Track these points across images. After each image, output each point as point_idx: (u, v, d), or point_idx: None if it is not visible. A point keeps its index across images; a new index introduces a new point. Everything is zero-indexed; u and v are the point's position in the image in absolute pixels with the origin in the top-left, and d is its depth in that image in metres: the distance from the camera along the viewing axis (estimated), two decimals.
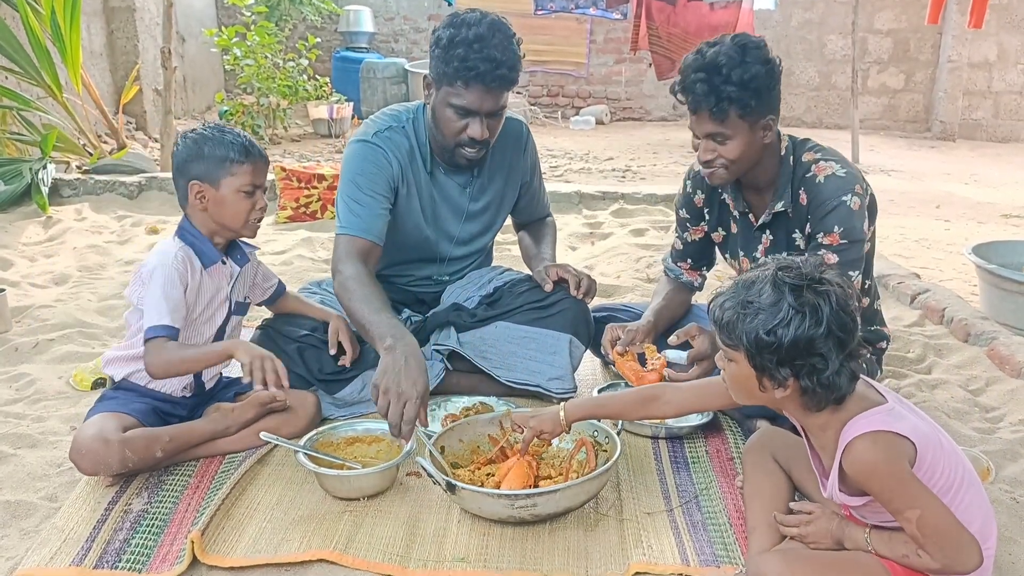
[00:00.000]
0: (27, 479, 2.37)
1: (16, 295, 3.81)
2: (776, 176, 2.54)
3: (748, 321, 1.65)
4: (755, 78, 2.33)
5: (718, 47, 2.36)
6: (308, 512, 2.20)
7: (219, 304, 2.50)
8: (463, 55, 2.54)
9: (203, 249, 2.43)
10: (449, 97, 2.62)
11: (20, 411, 2.77)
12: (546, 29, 9.73)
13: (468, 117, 2.64)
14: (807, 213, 2.49)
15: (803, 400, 1.70)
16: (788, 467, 2.06)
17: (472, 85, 2.58)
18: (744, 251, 2.72)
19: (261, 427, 2.45)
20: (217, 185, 2.38)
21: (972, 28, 7.47)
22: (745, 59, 2.33)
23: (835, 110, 10.23)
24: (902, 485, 1.63)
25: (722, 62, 2.32)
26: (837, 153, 2.56)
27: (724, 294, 1.73)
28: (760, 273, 1.69)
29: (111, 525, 2.14)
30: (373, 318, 2.49)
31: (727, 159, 2.43)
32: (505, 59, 2.57)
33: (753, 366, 1.68)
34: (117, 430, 2.25)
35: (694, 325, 2.48)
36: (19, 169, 5.46)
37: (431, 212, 2.88)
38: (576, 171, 7.24)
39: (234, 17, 9.40)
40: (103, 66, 7.58)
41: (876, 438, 1.64)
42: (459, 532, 2.13)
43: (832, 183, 2.45)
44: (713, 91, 2.33)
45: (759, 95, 2.35)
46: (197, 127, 2.45)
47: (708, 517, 2.21)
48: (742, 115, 2.36)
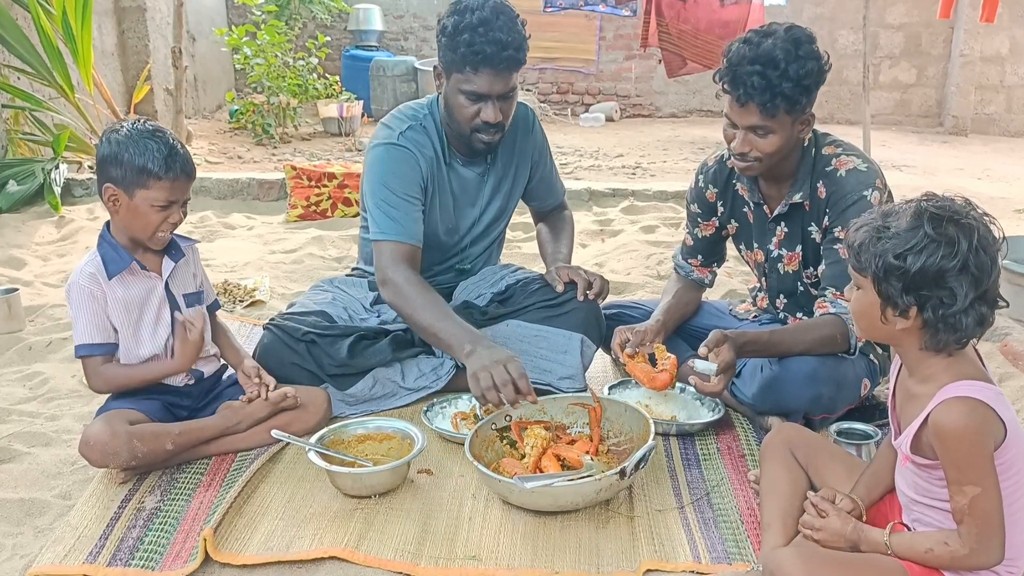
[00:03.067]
0: (41, 477, 2.38)
1: (29, 294, 3.83)
2: (796, 168, 2.53)
3: (879, 244, 1.63)
4: (809, 74, 2.31)
5: (772, 39, 2.31)
6: (320, 510, 2.21)
7: (159, 304, 2.43)
8: (469, 40, 2.55)
9: (112, 257, 2.35)
10: (460, 84, 2.64)
11: (34, 409, 2.79)
12: (555, 26, 9.71)
13: (480, 101, 2.65)
14: (826, 206, 2.48)
15: (923, 337, 1.66)
16: (807, 464, 2.05)
17: (481, 69, 2.59)
18: (758, 243, 2.71)
19: (272, 425, 2.45)
20: (131, 194, 2.29)
21: (984, 22, 7.42)
22: (799, 53, 2.30)
23: (846, 105, 10.17)
24: (979, 459, 1.60)
25: (779, 56, 2.28)
26: (857, 148, 2.56)
27: (862, 219, 1.71)
28: (904, 204, 1.67)
29: (124, 523, 2.15)
30: (442, 325, 2.55)
31: (764, 152, 2.41)
32: (511, 40, 2.58)
33: (878, 292, 1.65)
34: (124, 423, 2.27)
35: (719, 332, 2.44)
36: (32, 169, 5.48)
37: (453, 205, 2.89)
38: (586, 168, 7.23)
39: (244, 16, 9.40)
40: (114, 66, 7.60)
41: (977, 406, 1.60)
42: (470, 530, 2.14)
43: (854, 177, 2.45)
44: (768, 86, 2.29)
45: (809, 92, 2.34)
46: (125, 124, 2.32)
47: (719, 514, 2.20)
48: (789, 111, 2.34)
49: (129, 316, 2.38)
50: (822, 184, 2.49)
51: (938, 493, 1.70)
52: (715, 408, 2.67)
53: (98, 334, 2.35)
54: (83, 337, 2.34)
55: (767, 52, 2.29)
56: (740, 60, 2.32)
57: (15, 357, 3.21)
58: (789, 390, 2.49)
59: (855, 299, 1.73)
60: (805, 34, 2.36)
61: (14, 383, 2.99)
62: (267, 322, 2.83)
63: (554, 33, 9.94)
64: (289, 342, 2.68)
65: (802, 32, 2.36)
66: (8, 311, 3.42)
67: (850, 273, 1.73)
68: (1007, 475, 1.64)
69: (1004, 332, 3.33)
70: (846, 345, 2.45)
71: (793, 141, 2.44)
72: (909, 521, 1.83)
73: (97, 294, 2.33)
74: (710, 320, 2.94)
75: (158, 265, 2.43)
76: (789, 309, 2.76)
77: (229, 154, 7.44)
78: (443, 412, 2.69)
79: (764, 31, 2.36)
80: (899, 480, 1.83)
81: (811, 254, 2.60)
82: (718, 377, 2.38)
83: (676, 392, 2.76)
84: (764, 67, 2.28)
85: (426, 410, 2.67)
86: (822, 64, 2.36)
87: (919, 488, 1.75)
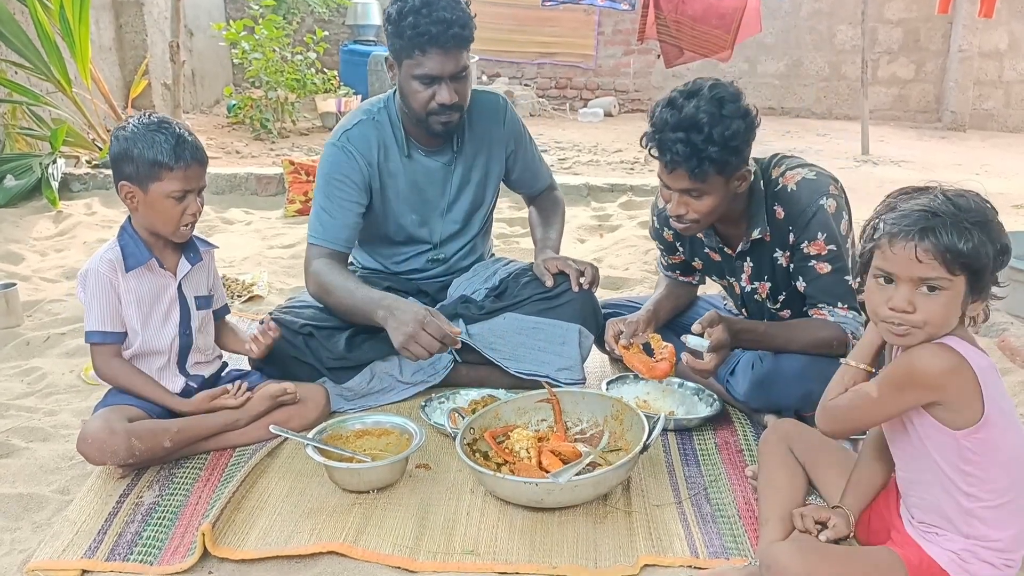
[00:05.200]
0: (39, 472, 2.38)
1: (27, 289, 3.82)
2: (748, 207, 2.49)
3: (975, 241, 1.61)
4: (735, 135, 2.25)
5: (695, 101, 2.25)
6: (318, 505, 2.21)
7: (169, 303, 2.44)
8: (414, 23, 2.56)
9: (133, 251, 2.37)
10: (411, 69, 2.64)
11: (32, 404, 2.79)
12: (554, 21, 9.72)
13: (433, 84, 2.64)
14: (788, 225, 2.45)
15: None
16: (805, 461, 2.06)
17: (429, 51, 2.59)
18: (732, 276, 2.70)
19: (271, 420, 2.45)
20: (146, 189, 2.30)
21: (982, 17, 7.42)
22: (723, 114, 2.24)
23: (845, 100, 10.17)
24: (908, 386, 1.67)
25: (703, 119, 2.22)
26: (801, 159, 2.53)
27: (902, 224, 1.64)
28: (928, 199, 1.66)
29: (122, 518, 2.15)
30: (354, 301, 2.63)
31: (700, 213, 2.37)
32: (456, 18, 2.57)
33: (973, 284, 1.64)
34: (123, 420, 2.27)
35: (715, 312, 2.44)
36: (29, 164, 5.47)
37: (414, 196, 2.88)
38: (584, 163, 7.22)
39: (242, 11, 9.39)
40: (112, 60, 7.59)
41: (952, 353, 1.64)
42: (468, 524, 2.14)
43: (805, 187, 2.42)
44: (694, 152, 2.23)
45: (739, 152, 2.29)
46: (131, 121, 2.34)
47: (717, 509, 2.21)
48: (720, 172, 2.29)
49: (139, 311, 2.39)
50: (778, 205, 2.46)
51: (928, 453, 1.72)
52: (712, 403, 2.67)
53: (111, 322, 2.36)
54: (96, 324, 2.35)
55: (689, 117, 2.23)
56: (663, 126, 2.27)
57: (13, 352, 3.21)
58: (779, 387, 2.49)
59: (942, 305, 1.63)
60: (730, 92, 2.29)
61: (12, 378, 2.99)
62: (264, 316, 2.82)
63: (553, 28, 9.95)
64: (287, 335, 2.68)
65: (726, 90, 2.29)
66: (6, 306, 3.41)
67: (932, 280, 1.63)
68: (988, 455, 1.66)
69: (1002, 327, 3.33)
70: (844, 351, 2.44)
71: (730, 197, 2.40)
72: (908, 508, 1.84)
73: (115, 283, 2.35)
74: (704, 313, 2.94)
75: (175, 265, 2.44)
76: None
77: (227, 149, 7.44)
78: (441, 407, 2.69)
79: (688, 91, 2.30)
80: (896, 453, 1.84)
81: (780, 281, 2.58)
82: (710, 355, 2.37)
83: (674, 387, 2.76)
84: (688, 132, 2.23)
85: (424, 405, 2.68)
86: (750, 121, 2.30)
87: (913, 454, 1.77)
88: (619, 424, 2.46)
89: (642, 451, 2.21)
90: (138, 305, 2.39)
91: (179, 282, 2.45)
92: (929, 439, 1.70)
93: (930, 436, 1.70)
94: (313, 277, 2.75)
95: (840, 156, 7.80)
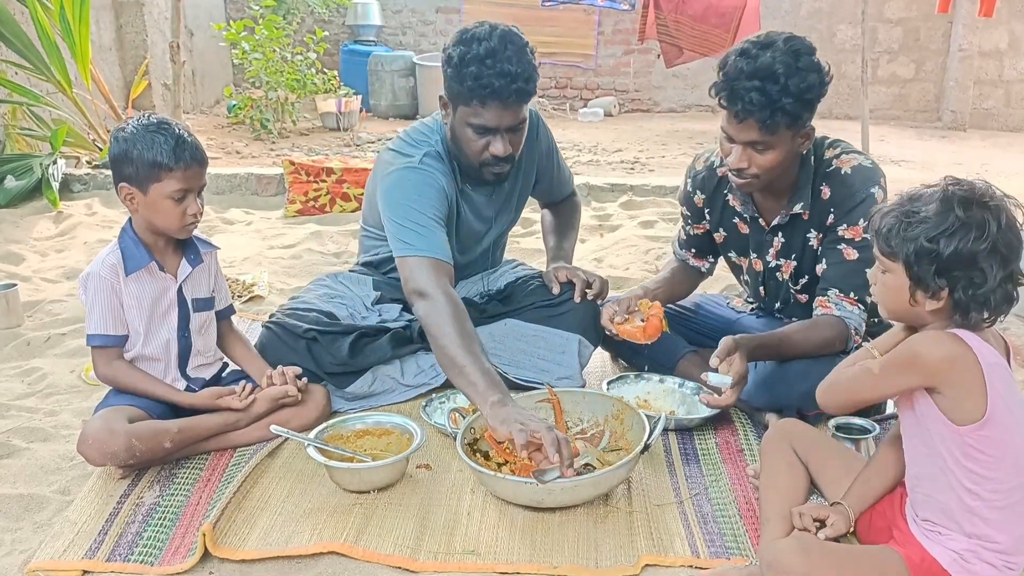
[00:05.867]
0: (40, 472, 2.38)
1: (28, 289, 3.82)
2: (795, 179, 2.48)
3: (910, 229, 1.66)
4: (811, 88, 2.23)
5: (770, 52, 2.21)
6: (318, 504, 2.21)
7: (168, 305, 2.43)
8: (476, 73, 2.44)
9: (133, 254, 2.36)
10: (467, 117, 2.54)
11: (32, 405, 2.79)
12: (554, 21, 9.70)
13: (488, 135, 2.55)
14: (831, 207, 2.44)
15: (953, 316, 1.69)
16: (807, 459, 2.05)
17: (489, 103, 2.48)
18: (756, 253, 2.69)
19: (272, 421, 2.45)
20: (146, 190, 2.29)
21: (983, 16, 7.41)
22: (799, 66, 2.21)
23: (845, 100, 10.15)
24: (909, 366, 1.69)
25: (779, 70, 2.19)
26: (855, 147, 2.53)
27: (888, 205, 1.75)
28: (927, 189, 1.70)
29: (123, 518, 2.15)
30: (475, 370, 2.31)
31: (762, 168, 2.34)
32: (521, 72, 2.46)
33: (910, 276, 1.68)
34: (123, 420, 2.27)
35: (730, 339, 2.37)
36: (29, 165, 5.46)
37: (464, 229, 2.83)
38: (584, 163, 7.22)
39: (242, 11, 9.38)
40: (112, 60, 7.59)
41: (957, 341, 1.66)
42: (468, 524, 2.14)
43: (860, 174, 2.42)
44: (769, 102, 2.20)
45: (811, 106, 2.27)
46: (130, 122, 2.32)
47: (718, 509, 2.21)
48: (790, 126, 2.26)
49: (140, 314, 2.39)
50: (826, 186, 2.45)
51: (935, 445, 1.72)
52: None
53: (112, 325, 2.37)
54: (97, 327, 2.36)
55: (766, 66, 2.20)
56: (738, 75, 2.23)
57: (13, 353, 3.21)
58: (783, 386, 2.49)
59: (882, 283, 1.76)
60: (805, 45, 2.27)
61: (12, 379, 2.99)
62: (268, 319, 2.82)
63: (553, 28, 9.93)
64: (288, 340, 2.66)
65: (802, 43, 2.27)
66: (6, 306, 3.41)
67: (876, 256, 1.75)
68: (995, 455, 1.66)
69: (1002, 328, 3.32)
70: (843, 347, 2.45)
71: (793, 156, 2.38)
72: (913, 505, 1.84)
73: (116, 286, 2.35)
74: (710, 311, 2.95)
75: (176, 267, 2.44)
76: (785, 314, 2.77)
77: (227, 149, 7.44)
78: (442, 407, 2.69)
79: (762, 42, 2.26)
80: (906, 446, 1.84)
81: (806, 263, 2.58)
82: (732, 389, 2.35)
83: (675, 387, 2.76)
84: (763, 82, 2.19)
85: (425, 405, 2.68)
86: (823, 76, 2.27)
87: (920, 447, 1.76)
88: (620, 424, 2.46)
89: (643, 451, 2.21)
90: (139, 308, 2.39)
91: (179, 284, 2.44)
92: (936, 432, 1.71)
93: (936, 428, 1.70)
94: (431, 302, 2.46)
95: None
